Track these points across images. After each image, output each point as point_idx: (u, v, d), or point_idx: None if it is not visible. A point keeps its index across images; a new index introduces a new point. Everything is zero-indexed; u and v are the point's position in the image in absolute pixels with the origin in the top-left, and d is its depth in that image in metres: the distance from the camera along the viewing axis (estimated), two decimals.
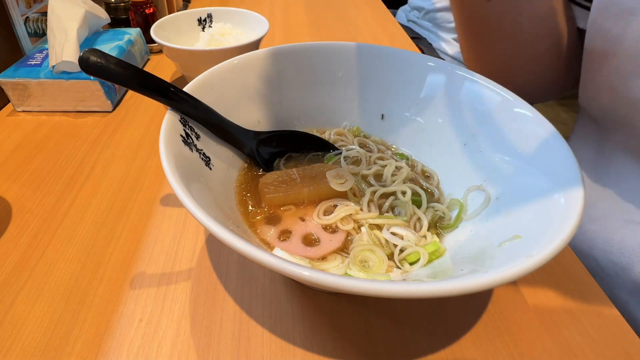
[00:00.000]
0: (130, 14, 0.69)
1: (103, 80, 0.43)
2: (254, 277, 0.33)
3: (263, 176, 0.36)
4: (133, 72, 0.30)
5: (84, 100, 0.53)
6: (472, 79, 0.36)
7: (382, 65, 0.40)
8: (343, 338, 0.29)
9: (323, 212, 0.34)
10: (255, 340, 0.29)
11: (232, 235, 0.20)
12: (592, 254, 0.44)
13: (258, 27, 0.61)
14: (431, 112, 0.39)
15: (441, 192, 0.37)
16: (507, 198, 0.31)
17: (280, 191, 0.34)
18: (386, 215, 0.34)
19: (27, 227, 0.37)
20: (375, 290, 0.18)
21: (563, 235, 0.21)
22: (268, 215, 0.34)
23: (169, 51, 0.54)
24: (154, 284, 0.33)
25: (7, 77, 0.50)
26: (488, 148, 0.34)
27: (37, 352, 0.28)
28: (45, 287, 0.32)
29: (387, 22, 0.88)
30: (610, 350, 0.29)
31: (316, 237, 0.32)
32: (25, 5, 0.56)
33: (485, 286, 0.19)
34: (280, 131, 0.40)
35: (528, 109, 0.32)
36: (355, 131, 0.43)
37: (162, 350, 0.28)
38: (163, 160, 0.25)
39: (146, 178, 0.43)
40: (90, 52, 0.28)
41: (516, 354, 0.29)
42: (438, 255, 0.31)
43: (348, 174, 0.36)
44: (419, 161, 0.40)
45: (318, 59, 0.41)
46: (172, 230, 0.37)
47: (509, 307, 0.32)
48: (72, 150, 0.47)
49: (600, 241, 0.43)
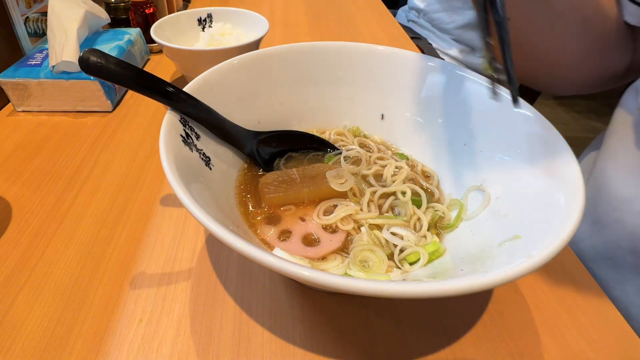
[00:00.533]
0: (130, 14, 0.69)
1: (103, 80, 0.43)
2: (254, 277, 0.33)
3: (263, 176, 0.36)
4: (133, 72, 0.30)
5: (84, 100, 0.53)
6: (472, 79, 0.36)
7: (382, 65, 0.40)
8: (343, 338, 0.29)
9: (323, 212, 0.34)
10: (255, 340, 0.29)
11: (232, 235, 0.20)
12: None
13: (258, 27, 0.61)
14: (431, 112, 0.39)
15: (441, 192, 0.37)
16: (507, 198, 0.31)
17: (280, 191, 0.34)
18: (386, 215, 0.34)
19: (27, 227, 0.37)
20: (375, 290, 0.18)
21: (563, 235, 0.21)
22: (268, 215, 0.34)
23: (169, 51, 0.54)
24: (154, 284, 0.33)
25: (7, 77, 0.50)
26: (488, 148, 0.34)
27: (37, 352, 0.28)
28: (45, 287, 0.32)
29: (387, 22, 0.88)
30: (610, 350, 0.29)
31: (316, 237, 0.32)
32: (25, 5, 0.56)
33: (485, 286, 0.19)
34: (280, 131, 0.40)
35: (528, 109, 0.32)
36: (355, 131, 0.43)
37: (162, 350, 0.28)
38: (163, 160, 0.25)
39: (146, 178, 0.43)
40: (90, 52, 0.28)
41: (516, 354, 0.29)
42: (438, 255, 0.31)
43: (348, 174, 0.36)
44: (419, 161, 0.40)
45: (318, 59, 0.41)
46: (172, 230, 0.37)
47: (509, 307, 0.32)
48: (72, 150, 0.47)
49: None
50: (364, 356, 0.29)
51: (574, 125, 2.06)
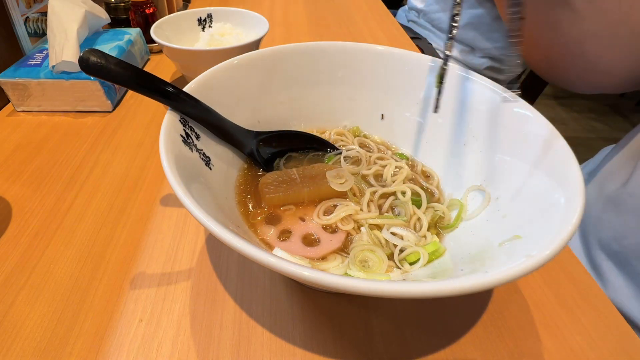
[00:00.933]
0: (130, 14, 0.69)
1: (103, 80, 0.43)
2: (254, 277, 0.33)
3: (263, 176, 0.36)
4: (133, 73, 0.30)
5: (84, 100, 0.53)
6: (472, 79, 0.36)
7: (382, 65, 0.40)
8: (343, 338, 0.29)
9: (323, 212, 0.34)
10: (255, 340, 0.29)
11: (232, 236, 0.20)
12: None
13: (258, 27, 0.61)
14: (431, 112, 0.39)
15: (441, 192, 0.37)
16: (507, 198, 0.31)
17: (280, 191, 0.34)
18: (386, 215, 0.34)
19: (27, 227, 0.37)
20: (375, 290, 0.18)
21: (563, 235, 0.21)
22: (268, 215, 0.34)
23: (169, 51, 0.54)
24: (154, 284, 0.33)
25: (7, 77, 0.50)
26: (488, 148, 0.34)
27: (37, 352, 0.28)
28: (45, 287, 0.32)
29: (387, 22, 0.88)
30: (610, 350, 0.29)
31: (316, 237, 0.32)
32: (25, 5, 0.56)
33: (485, 286, 0.19)
34: (280, 131, 0.40)
35: (528, 109, 0.32)
36: (356, 131, 0.43)
37: (162, 350, 0.28)
38: (163, 160, 0.25)
39: (146, 178, 0.43)
40: (90, 53, 0.28)
41: (516, 354, 0.29)
42: (438, 255, 0.31)
43: (348, 174, 0.36)
44: (419, 161, 0.40)
45: (318, 58, 0.41)
46: (172, 230, 0.37)
47: (509, 307, 0.32)
48: (72, 150, 0.47)
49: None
50: (364, 356, 0.29)
51: (574, 125, 2.06)
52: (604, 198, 0.44)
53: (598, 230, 0.43)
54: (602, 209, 0.43)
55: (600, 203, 0.44)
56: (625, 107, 2.21)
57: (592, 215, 0.45)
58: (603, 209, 0.43)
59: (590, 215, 0.45)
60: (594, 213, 0.44)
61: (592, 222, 0.45)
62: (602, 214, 0.43)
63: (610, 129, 2.02)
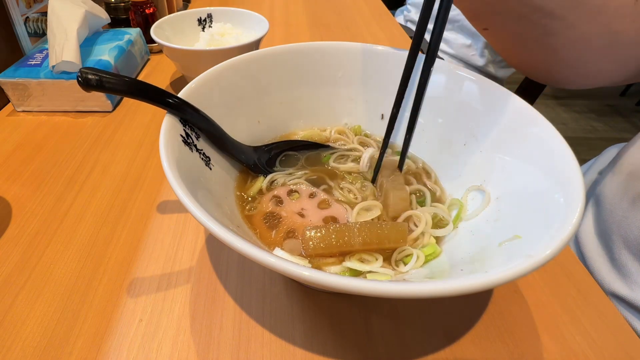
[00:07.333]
0: (130, 14, 0.69)
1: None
2: (254, 277, 0.33)
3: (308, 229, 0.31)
4: (132, 84, 0.29)
5: (84, 100, 0.53)
6: (472, 79, 0.36)
7: (382, 65, 0.40)
8: (343, 338, 0.29)
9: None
10: (255, 340, 0.29)
11: (232, 236, 0.20)
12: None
13: (258, 27, 0.61)
14: (431, 112, 0.39)
15: (442, 190, 0.37)
16: (507, 198, 0.30)
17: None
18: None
19: (27, 227, 0.37)
20: (375, 290, 0.18)
21: (563, 235, 0.21)
22: (268, 214, 0.34)
23: (169, 51, 0.54)
24: (154, 284, 0.33)
25: (7, 77, 0.51)
26: (488, 148, 0.34)
27: (37, 352, 0.28)
28: (45, 287, 0.32)
29: (387, 22, 0.88)
30: (610, 351, 0.29)
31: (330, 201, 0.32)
32: (25, 5, 0.56)
33: (485, 286, 0.19)
34: (277, 143, 0.40)
35: (527, 108, 0.32)
36: (357, 130, 0.43)
37: (162, 350, 0.28)
38: (163, 161, 0.25)
39: (146, 178, 0.43)
40: (88, 72, 0.27)
41: (516, 354, 0.29)
42: (435, 256, 0.31)
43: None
44: (419, 157, 0.40)
45: (318, 59, 0.41)
46: (172, 230, 0.37)
47: (509, 307, 0.32)
48: (72, 150, 0.47)
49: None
50: (364, 356, 0.29)
51: (573, 125, 2.06)
52: (629, 197, 0.44)
53: (624, 229, 0.43)
54: (628, 208, 0.43)
55: (625, 202, 0.44)
56: (626, 107, 2.21)
57: (617, 215, 0.44)
58: (629, 208, 0.43)
59: (614, 214, 0.45)
60: (619, 212, 0.44)
61: (616, 221, 0.44)
62: (629, 212, 0.43)
63: (610, 129, 2.02)
